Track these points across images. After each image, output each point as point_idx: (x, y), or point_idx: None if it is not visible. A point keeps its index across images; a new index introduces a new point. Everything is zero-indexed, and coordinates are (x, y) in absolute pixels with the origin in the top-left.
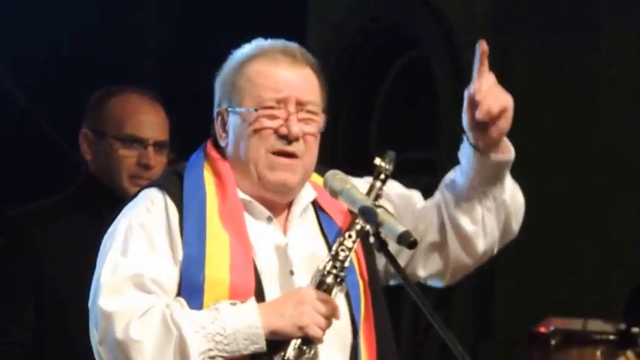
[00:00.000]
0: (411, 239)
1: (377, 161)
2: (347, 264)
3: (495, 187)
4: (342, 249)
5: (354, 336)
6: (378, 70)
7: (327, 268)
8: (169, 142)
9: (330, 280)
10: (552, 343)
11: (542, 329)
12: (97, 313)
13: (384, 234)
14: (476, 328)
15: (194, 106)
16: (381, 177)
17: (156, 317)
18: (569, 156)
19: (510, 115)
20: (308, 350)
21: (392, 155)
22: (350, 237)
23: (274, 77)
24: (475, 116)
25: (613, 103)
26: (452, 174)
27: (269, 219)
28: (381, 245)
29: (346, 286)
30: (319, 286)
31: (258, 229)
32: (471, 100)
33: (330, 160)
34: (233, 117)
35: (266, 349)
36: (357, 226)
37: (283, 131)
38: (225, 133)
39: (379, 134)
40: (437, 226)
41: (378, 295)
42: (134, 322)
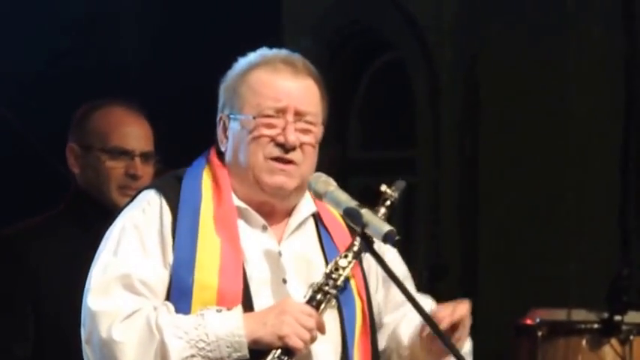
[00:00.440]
0: (396, 238)
1: (383, 188)
2: (340, 283)
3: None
4: (337, 267)
5: (345, 354)
6: (354, 72)
7: (320, 285)
8: (154, 152)
9: (320, 296)
10: (539, 334)
11: (529, 321)
12: (85, 312)
13: (369, 233)
14: None
15: (176, 116)
16: (386, 203)
17: (140, 320)
18: (543, 153)
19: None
20: None
21: (401, 185)
22: (346, 257)
23: (274, 87)
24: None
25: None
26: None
27: (264, 227)
28: (367, 245)
29: (340, 304)
30: (309, 302)
31: (252, 236)
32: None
33: None
34: (233, 123)
35: (249, 357)
36: (355, 248)
37: (280, 140)
38: (227, 138)
39: (357, 135)
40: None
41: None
42: (118, 324)
